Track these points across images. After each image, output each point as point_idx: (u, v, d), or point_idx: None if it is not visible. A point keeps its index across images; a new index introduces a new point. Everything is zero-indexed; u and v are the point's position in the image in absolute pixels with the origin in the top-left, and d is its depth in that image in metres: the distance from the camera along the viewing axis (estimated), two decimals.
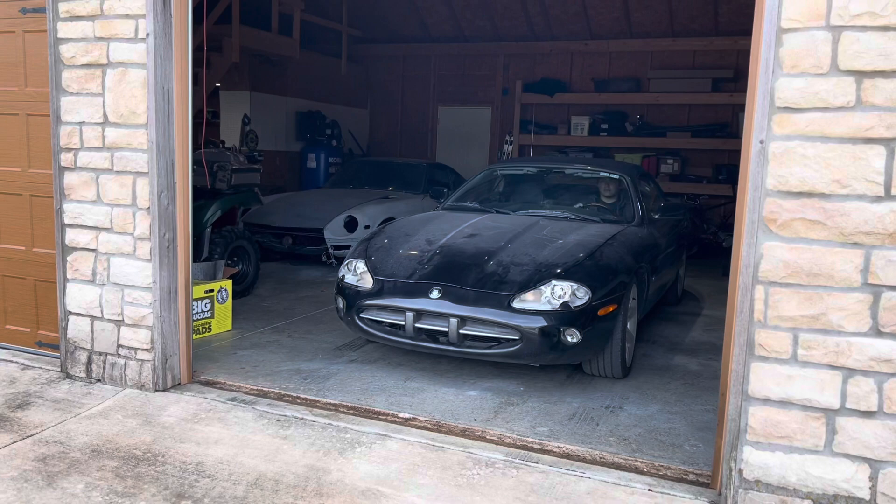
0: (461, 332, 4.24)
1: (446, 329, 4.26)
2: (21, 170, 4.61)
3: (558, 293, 4.21)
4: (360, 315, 4.57)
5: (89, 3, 4.08)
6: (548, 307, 4.18)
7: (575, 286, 4.24)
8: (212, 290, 5.42)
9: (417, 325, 4.34)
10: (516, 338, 4.17)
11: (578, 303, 4.19)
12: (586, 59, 11.96)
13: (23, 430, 3.70)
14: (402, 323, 4.38)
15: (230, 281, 5.67)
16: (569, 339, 4.18)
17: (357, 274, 4.73)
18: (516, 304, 4.21)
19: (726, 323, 3.13)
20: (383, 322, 4.50)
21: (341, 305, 4.73)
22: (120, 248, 4.20)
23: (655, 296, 5.56)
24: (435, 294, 4.33)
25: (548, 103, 11.90)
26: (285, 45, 10.28)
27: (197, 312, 5.28)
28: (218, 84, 10.24)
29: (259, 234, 8.00)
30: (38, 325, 4.74)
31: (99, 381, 4.37)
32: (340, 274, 4.85)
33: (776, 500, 2.98)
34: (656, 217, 5.78)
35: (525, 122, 12.01)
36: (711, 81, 10.92)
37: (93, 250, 4.27)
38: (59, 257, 4.38)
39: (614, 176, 5.95)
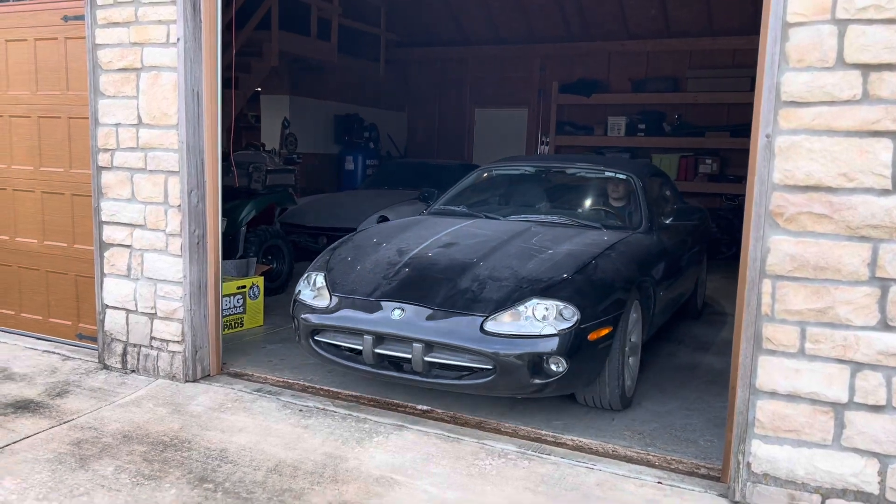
0: (427, 359, 3.69)
1: (410, 356, 3.73)
2: (63, 170, 4.85)
3: (540, 313, 3.63)
4: (316, 338, 4.04)
5: (125, 10, 4.28)
6: (527, 330, 3.61)
7: (561, 305, 3.65)
8: (244, 287, 5.60)
9: (378, 350, 3.80)
10: (490, 367, 3.61)
11: (564, 325, 3.60)
12: (623, 59, 11.90)
13: (60, 416, 3.90)
14: (361, 348, 3.87)
15: (262, 278, 5.84)
16: (553, 367, 3.60)
17: (315, 289, 4.16)
18: (490, 326, 3.64)
19: (736, 317, 3.13)
20: (342, 347, 3.97)
21: (296, 326, 4.16)
22: (153, 244, 4.39)
23: (666, 312, 5.01)
24: (396, 315, 3.78)
25: (584, 104, 11.88)
26: (324, 49, 10.49)
27: (229, 308, 5.46)
28: (258, 88, 10.50)
29: (295, 234, 8.19)
30: (79, 319, 4.97)
31: (133, 371, 4.57)
32: (297, 289, 4.28)
33: (784, 494, 2.98)
34: (668, 222, 5.12)
35: (561, 122, 12.02)
36: (751, 80, 10.75)
37: (128, 246, 4.48)
38: (97, 253, 4.59)
39: (620, 176, 5.26)
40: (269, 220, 7.19)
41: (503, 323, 3.65)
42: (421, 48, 13.21)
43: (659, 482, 3.28)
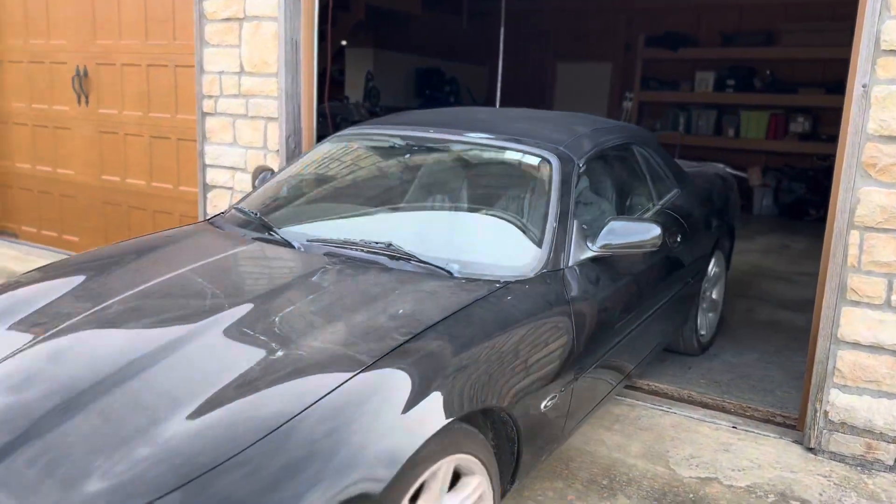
0: None
1: None
2: (170, 115, 5.17)
3: None
4: None
5: None
6: None
7: None
8: None
9: None
10: None
11: None
12: (714, 12, 11.51)
13: None
14: None
15: None
16: None
17: None
18: None
19: (820, 267, 3.15)
20: None
21: None
22: None
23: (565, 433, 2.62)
24: None
25: (671, 59, 11.58)
26: (408, 2, 10.58)
27: None
28: (344, 42, 10.71)
29: None
30: None
31: None
32: None
33: (861, 443, 3.03)
34: (600, 248, 2.65)
35: (646, 78, 11.79)
36: (849, 34, 10.23)
37: (230, 188, 4.77)
38: (201, 194, 4.91)
39: (529, 159, 2.95)
40: None
41: None
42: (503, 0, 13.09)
43: (733, 427, 3.36)
